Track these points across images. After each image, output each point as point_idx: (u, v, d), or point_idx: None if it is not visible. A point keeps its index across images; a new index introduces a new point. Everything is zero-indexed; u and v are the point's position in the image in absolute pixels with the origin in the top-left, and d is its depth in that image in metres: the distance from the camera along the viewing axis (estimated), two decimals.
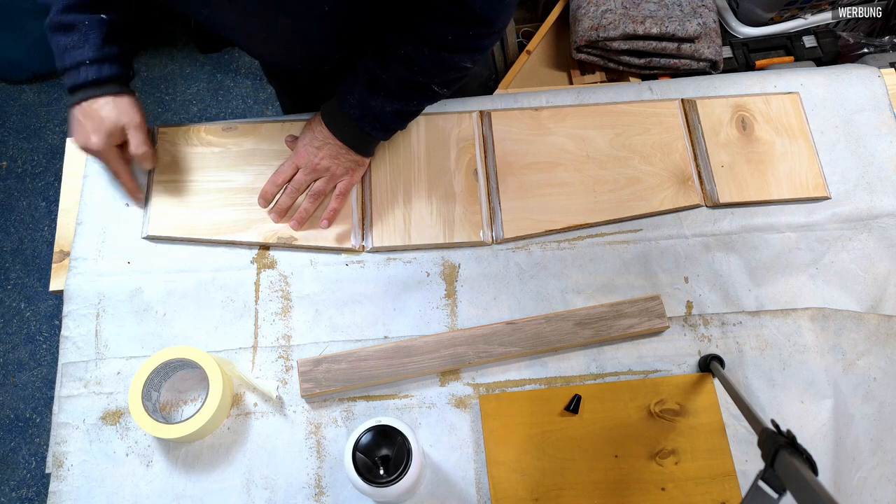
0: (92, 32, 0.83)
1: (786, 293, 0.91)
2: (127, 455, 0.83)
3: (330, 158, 0.90)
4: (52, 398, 1.04)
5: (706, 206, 0.95)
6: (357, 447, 0.71)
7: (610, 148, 0.98)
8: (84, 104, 0.85)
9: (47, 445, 1.07)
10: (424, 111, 1.00)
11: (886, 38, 1.74)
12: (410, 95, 0.85)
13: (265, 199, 0.92)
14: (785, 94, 1.02)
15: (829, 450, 0.83)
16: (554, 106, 1.01)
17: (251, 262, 0.92)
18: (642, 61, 1.31)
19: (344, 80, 0.88)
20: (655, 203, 0.95)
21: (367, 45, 0.86)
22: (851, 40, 1.73)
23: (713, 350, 0.88)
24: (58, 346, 0.89)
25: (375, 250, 0.93)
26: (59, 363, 0.88)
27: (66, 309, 0.89)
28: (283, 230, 0.93)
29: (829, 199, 0.96)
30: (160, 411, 0.85)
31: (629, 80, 1.34)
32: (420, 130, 0.99)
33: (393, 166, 0.97)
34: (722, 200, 0.95)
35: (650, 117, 1.00)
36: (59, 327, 0.90)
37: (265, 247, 0.93)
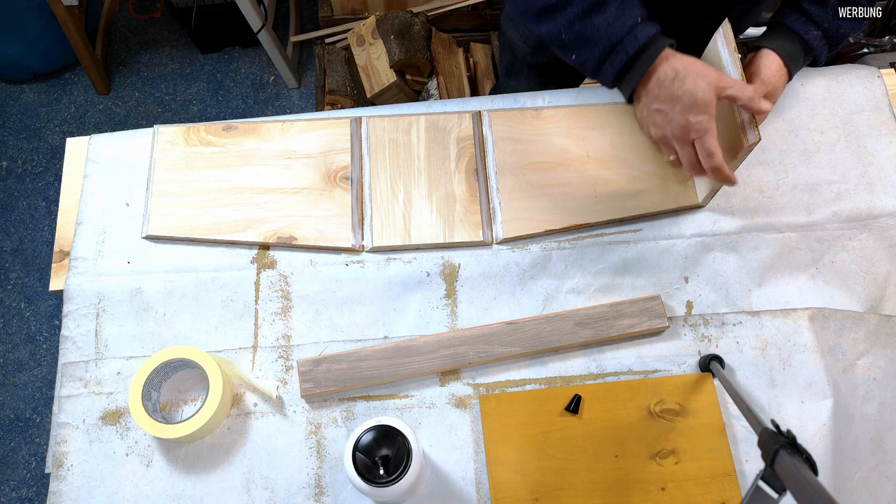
0: None
1: (786, 293, 0.91)
2: (127, 455, 0.83)
3: None
4: (52, 398, 1.04)
5: (705, 207, 0.95)
6: (357, 447, 0.71)
7: (610, 148, 0.98)
8: (672, 61, 0.76)
9: (47, 445, 1.07)
10: (424, 111, 1.01)
11: (886, 38, 1.74)
12: None
13: None
14: None
15: (829, 450, 0.83)
16: (554, 106, 1.01)
17: (251, 261, 0.92)
18: None
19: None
20: (655, 203, 0.95)
21: None
22: (851, 40, 1.73)
23: (713, 350, 0.88)
24: (58, 346, 0.89)
25: (375, 250, 0.93)
26: (59, 363, 0.88)
27: (66, 309, 0.89)
28: (283, 230, 0.93)
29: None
30: (160, 411, 0.85)
31: None
32: (420, 130, 0.99)
33: (393, 166, 0.97)
34: (700, 199, 0.94)
35: None
36: (59, 327, 0.90)
37: (265, 247, 0.93)
